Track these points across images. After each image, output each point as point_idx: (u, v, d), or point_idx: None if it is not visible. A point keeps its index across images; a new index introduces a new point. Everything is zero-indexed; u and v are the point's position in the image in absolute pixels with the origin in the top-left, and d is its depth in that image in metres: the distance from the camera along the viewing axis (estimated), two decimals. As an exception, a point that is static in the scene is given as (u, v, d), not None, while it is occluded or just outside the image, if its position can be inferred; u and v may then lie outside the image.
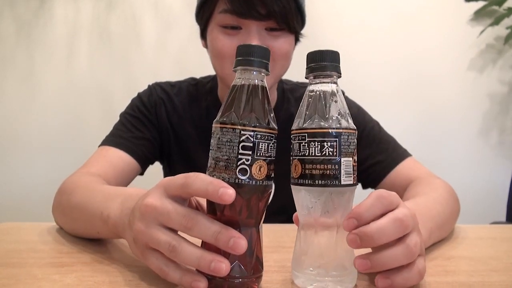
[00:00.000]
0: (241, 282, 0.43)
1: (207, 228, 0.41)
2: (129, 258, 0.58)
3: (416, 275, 0.43)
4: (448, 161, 1.92)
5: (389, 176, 0.88)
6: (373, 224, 0.41)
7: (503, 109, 1.96)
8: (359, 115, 0.97)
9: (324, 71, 0.46)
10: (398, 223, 0.42)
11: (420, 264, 0.44)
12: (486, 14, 1.92)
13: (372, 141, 0.93)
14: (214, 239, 0.41)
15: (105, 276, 0.51)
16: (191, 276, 0.43)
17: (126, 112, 0.97)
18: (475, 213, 1.78)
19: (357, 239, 0.41)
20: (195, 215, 0.42)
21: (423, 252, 0.47)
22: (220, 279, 0.43)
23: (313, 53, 0.47)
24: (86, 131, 1.92)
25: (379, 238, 0.41)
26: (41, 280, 0.49)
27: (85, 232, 0.66)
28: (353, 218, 0.41)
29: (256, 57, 0.44)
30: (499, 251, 0.62)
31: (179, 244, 0.42)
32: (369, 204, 0.42)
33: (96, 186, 0.69)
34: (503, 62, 1.95)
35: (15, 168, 1.96)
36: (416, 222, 0.45)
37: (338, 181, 0.43)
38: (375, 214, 0.42)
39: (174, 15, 1.95)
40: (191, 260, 0.42)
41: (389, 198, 0.44)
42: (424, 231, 0.55)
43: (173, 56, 1.95)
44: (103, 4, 1.96)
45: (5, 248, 0.64)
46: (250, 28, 0.82)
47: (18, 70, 1.97)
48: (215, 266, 0.41)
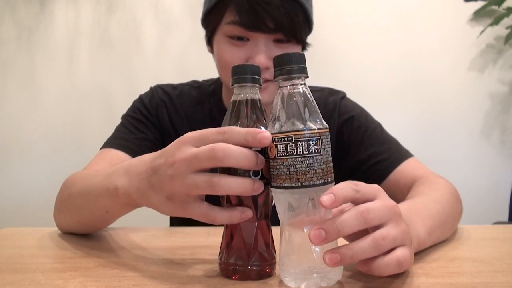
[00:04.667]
0: (259, 268, 0.50)
1: (240, 153, 0.45)
2: (133, 262, 0.58)
3: (393, 264, 0.44)
4: (450, 161, 1.91)
5: (392, 174, 0.87)
6: (336, 217, 0.43)
7: (504, 108, 1.96)
8: (362, 117, 0.96)
9: (292, 74, 0.47)
10: (358, 216, 0.43)
11: (400, 254, 0.45)
12: (485, 14, 1.92)
13: (374, 142, 0.92)
14: (248, 161, 0.45)
15: (108, 280, 0.51)
16: (238, 210, 0.48)
17: (128, 115, 0.97)
18: (477, 214, 1.78)
19: (322, 233, 0.42)
20: (222, 146, 0.45)
21: (407, 242, 0.47)
22: (241, 267, 0.49)
23: (279, 57, 0.48)
24: (87, 135, 1.92)
25: (342, 229, 0.43)
26: (44, 285, 0.49)
27: (93, 218, 0.66)
28: (331, 193, 0.43)
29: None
30: (502, 251, 0.62)
31: (219, 177, 0.46)
32: (341, 186, 0.44)
33: (92, 172, 0.70)
34: (503, 62, 1.95)
35: (17, 172, 1.96)
36: (393, 215, 0.46)
37: (321, 180, 0.45)
38: (346, 196, 0.44)
39: (175, 18, 1.96)
40: (235, 187, 0.46)
41: (358, 185, 0.46)
42: (424, 229, 0.57)
43: (173, 59, 1.95)
44: (104, 8, 1.96)
45: (8, 253, 0.64)
46: (257, 41, 0.81)
47: (19, 74, 1.97)
48: (258, 185, 0.46)
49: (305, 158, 0.44)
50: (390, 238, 0.44)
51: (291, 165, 0.44)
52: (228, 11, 0.82)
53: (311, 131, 0.45)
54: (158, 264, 0.57)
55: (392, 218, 0.46)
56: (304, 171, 0.44)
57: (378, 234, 0.44)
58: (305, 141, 0.44)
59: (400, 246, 0.46)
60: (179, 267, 0.56)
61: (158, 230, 0.76)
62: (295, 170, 0.44)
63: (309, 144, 0.44)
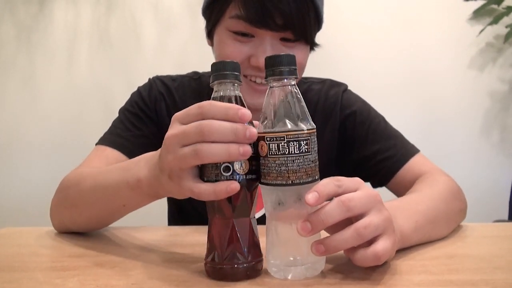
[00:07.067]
0: (244, 267, 0.49)
1: (224, 128, 0.45)
2: (131, 261, 0.58)
3: (371, 256, 0.46)
4: (450, 160, 1.91)
5: (400, 172, 0.86)
6: (320, 209, 0.46)
7: (504, 107, 1.96)
8: (365, 111, 0.94)
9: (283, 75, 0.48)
10: (340, 205, 0.46)
11: (379, 247, 0.46)
12: (485, 13, 1.92)
13: (380, 137, 0.90)
14: (234, 135, 0.45)
15: (107, 279, 0.51)
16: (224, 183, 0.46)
17: (126, 109, 0.94)
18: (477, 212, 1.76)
19: (308, 225, 0.45)
20: (208, 121, 0.46)
21: (390, 230, 0.48)
22: (226, 266, 0.48)
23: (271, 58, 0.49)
24: (87, 134, 1.91)
25: (326, 219, 0.45)
26: (43, 284, 0.49)
27: (107, 212, 0.66)
28: (315, 191, 0.45)
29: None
30: (502, 249, 0.62)
31: (202, 144, 0.45)
32: (323, 183, 0.47)
33: (105, 168, 0.69)
34: (503, 60, 1.95)
35: (17, 172, 1.96)
36: (375, 203, 0.48)
37: (310, 178, 0.47)
38: (329, 191, 0.46)
39: (174, 17, 1.96)
40: (220, 153, 0.45)
41: (340, 180, 0.48)
42: (408, 224, 0.58)
43: (173, 58, 1.95)
44: (103, 8, 1.96)
45: (6, 252, 0.64)
46: (263, 38, 0.76)
47: (19, 74, 1.97)
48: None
49: (296, 158, 0.46)
50: (372, 227, 0.46)
51: (282, 164, 0.46)
52: (233, 3, 0.75)
53: (302, 132, 0.47)
54: (157, 263, 0.57)
55: (374, 206, 0.48)
56: (295, 170, 0.46)
57: (360, 223, 0.46)
58: (297, 141, 0.46)
59: (383, 234, 0.47)
60: (178, 265, 0.55)
61: (157, 229, 0.76)
62: (286, 168, 0.46)
63: (300, 144, 0.46)
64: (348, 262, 0.52)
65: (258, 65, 0.77)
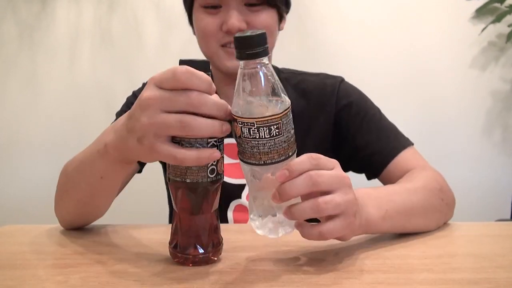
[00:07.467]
0: (203, 257, 0.53)
1: (213, 103, 0.46)
2: (133, 258, 0.58)
3: (315, 233, 0.49)
4: (452, 159, 1.91)
5: (389, 166, 0.86)
6: (289, 181, 0.47)
7: (506, 106, 1.95)
8: (361, 102, 0.95)
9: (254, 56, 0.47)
10: (307, 179, 0.47)
11: (325, 226, 0.49)
12: (487, 12, 1.92)
13: (372, 128, 0.91)
14: (218, 110, 0.47)
15: (109, 276, 0.51)
16: (207, 150, 0.47)
17: (122, 111, 0.97)
18: (479, 211, 1.78)
19: (277, 194, 0.48)
20: (198, 93, 0.46)
21: (350, 212, 0.50)
22: (185, 255, 0.53)
23: (238, 39, 0.47)
24: (88, 133, 1.90)
25: (291, 191, 0.47)
26: (45, 281, 0.49)
27: (90, 190, 0.66)
28: (286, 169, 0.47)
29: None
30: (504, 248, 0.62)
31: (191, 117, 0.45)
32: (299, 160, 0.49)
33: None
34: (505, 59, 1.95)
35: (19, 170, 1.96)
36: (343, 185, 0.50)
37: (282, 157, 0.48)
38: (303, 169, 0.48)
39: (176, 16, 1.95)
40: (205, 129, 0.46)
41: (317, 159, 0.49)
42: (377, 212, 0.59)
43: (175, 57, 1.91)
44: (105, 6, 1.96)
45: (8, 250, 0.64)
46: (229, 5, 0.83)
47: (20, 73, 1.97)
48: (225, 128, 0.47)
49: (267, 141, 0.47)
50: (333, 204, 0.48)
51: (254, 147, 0.47)
52: None
53: (271, 117, 0.46)
54: (159, 259, 0.57)
55: (342, 187, 0.49)
56: (266, 152, 0.47)
57: (321, 198, 0.48)
58: (267, 127, 0.46)
59: (340, 215, 0.49)
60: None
61: (158, 227, 0.76)
62: (258, 151, 0.47)
63: (270, 129, 0.47)
64: (351, 259, 0.52)
65: (227, 29, 0.83)
